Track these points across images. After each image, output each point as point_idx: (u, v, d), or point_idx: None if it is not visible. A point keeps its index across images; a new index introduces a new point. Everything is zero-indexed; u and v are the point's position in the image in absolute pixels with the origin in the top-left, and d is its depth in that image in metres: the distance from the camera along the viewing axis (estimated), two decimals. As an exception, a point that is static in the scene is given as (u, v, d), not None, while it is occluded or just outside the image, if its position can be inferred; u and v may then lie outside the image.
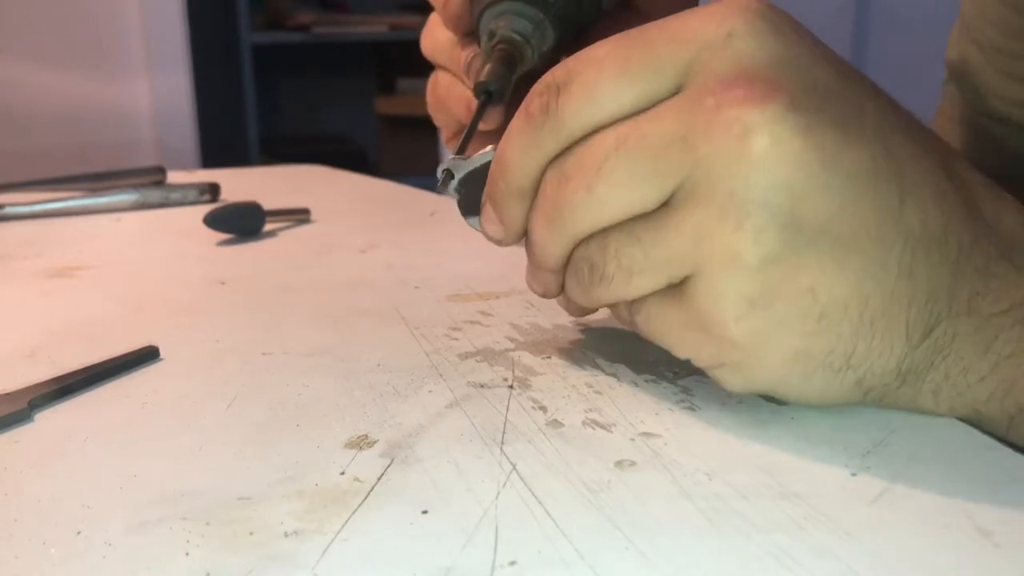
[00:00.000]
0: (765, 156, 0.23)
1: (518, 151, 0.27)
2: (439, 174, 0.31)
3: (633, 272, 0.26)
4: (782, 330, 0.25)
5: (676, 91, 0.25)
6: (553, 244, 0.28)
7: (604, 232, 0.26)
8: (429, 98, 0.41)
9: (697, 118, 0.24)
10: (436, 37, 0.40)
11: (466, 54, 0.37)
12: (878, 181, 0.24)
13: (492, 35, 0.35)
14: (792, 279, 0.24)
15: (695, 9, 0.26)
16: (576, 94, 0.26)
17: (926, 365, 0.26)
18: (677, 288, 0.26)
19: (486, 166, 0.30)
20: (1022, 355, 0.25)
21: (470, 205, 0.31)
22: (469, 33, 0.38)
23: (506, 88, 0.34)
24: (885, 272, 0.24)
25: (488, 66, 0.34)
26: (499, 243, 0.30)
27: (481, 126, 0.34)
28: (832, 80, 0.25)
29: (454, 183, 0.31)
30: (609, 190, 0.25)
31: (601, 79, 0.25)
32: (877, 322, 0.25)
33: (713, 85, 0.24)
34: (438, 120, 0.41)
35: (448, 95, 0.39)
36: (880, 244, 0.24)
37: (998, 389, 0.26)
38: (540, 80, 0.27)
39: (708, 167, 0.24)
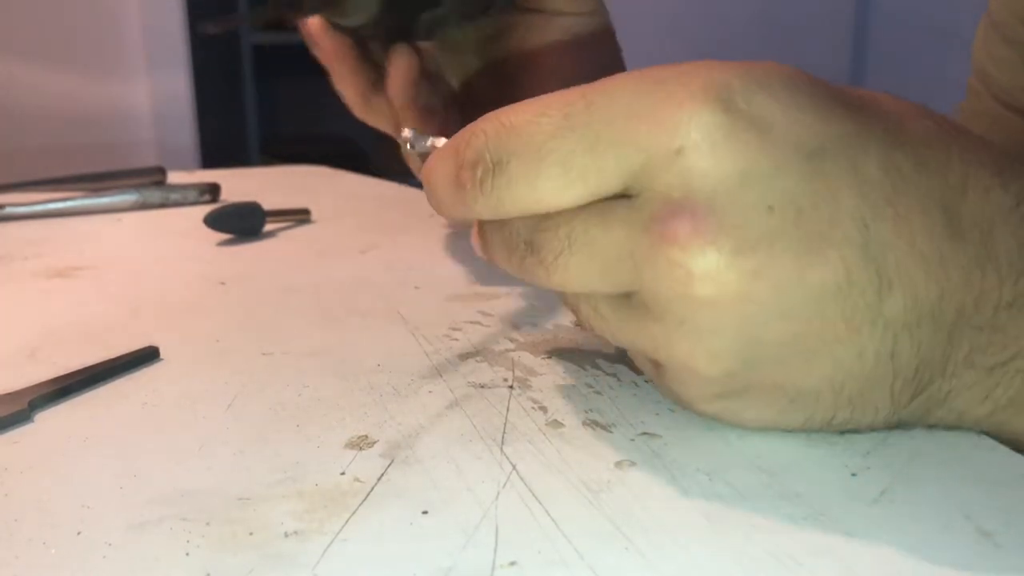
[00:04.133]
0: (712, 300, 0.22)
1: (449, 207, 0.25)
2: (406, 135, 0.30)
3: (592, 316, 0.25)
4: (752, 410, 0.25)
5: (623, 192, 0.23)
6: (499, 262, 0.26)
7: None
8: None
9: (643, 241, 0.22)
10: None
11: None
12: (851, 286, 0.22)
13: None
14: (756, 383, 0.24)
15: (650, 97, 0.22)
16: (515, 181, 0.23)
17: (918, 416, 0.25)
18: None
19: None
20: (1020, 403, 0.24)
21: None
22: None
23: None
24: (860, 363, 0.23)
25: None
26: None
27: None
28: (803, 179, 0.22)
29: (415, 152, 0.30)
30: (566, 281, 0.24)
31: (542, 174, 0.23)
32: (855, 400, 0.24)
33: (659, 209, 0.22)
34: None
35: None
36: (853, 341, 0.22)
37: (991, 430, 0.25)
38: (468, 140, 0.24)
39: (655, 293, 0.23)
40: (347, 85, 0.46)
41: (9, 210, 0.60)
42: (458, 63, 0.47)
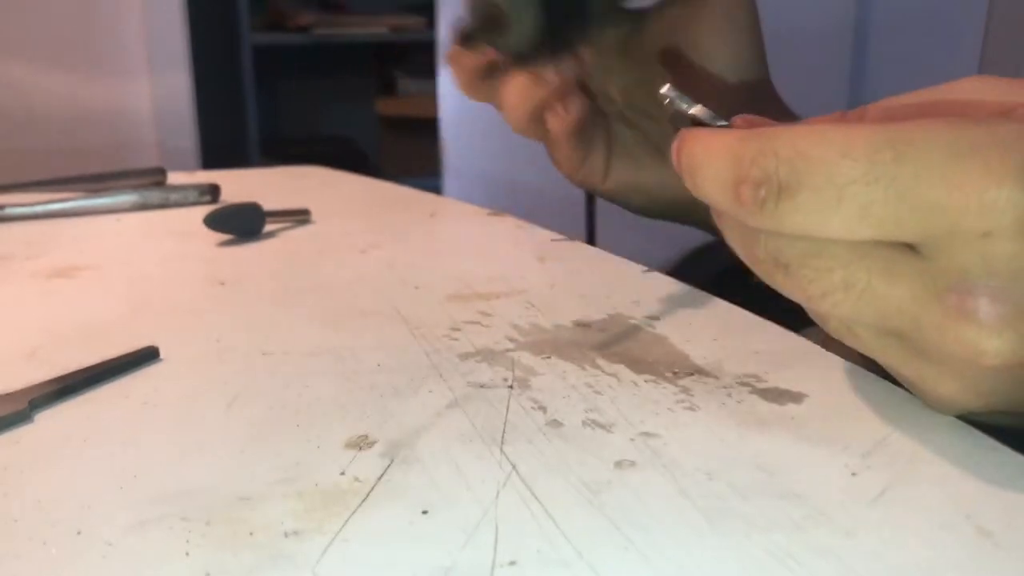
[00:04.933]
0: (997, 369, 0.22)
1: (715, 204, 0.25)
2: (665, 91, 0.28)
3: (845, 332, 0.25)
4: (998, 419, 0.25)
5: (910, 246, 0.23)
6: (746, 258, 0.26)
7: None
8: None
9: (933, 308, 0.22)
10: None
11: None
12: None
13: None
14: (1013, 409, 0.24)
15: (964, 165, 0.21)
16: (803, 212, 0.22)
17: None
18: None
19: (699, 123, 0.27)
20: None
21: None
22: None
23: (474, 33, 0.39)
24: None
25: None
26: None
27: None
28: None
29: (672, 105, 0.28)
30: (828, 315, 0.24)
31: (837, 214, 0.22)
32: None
33: (956, 283, 0.22)
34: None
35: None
36: None
37: None
38: (755, 156, 0.23)
39: (937, 349, 0.23)
40: (460, 68, 0.47)
41: (9, 210, 0.60)
42: (614, 69, 0.48)
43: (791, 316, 0.38)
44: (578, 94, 0.45)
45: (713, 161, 0.24)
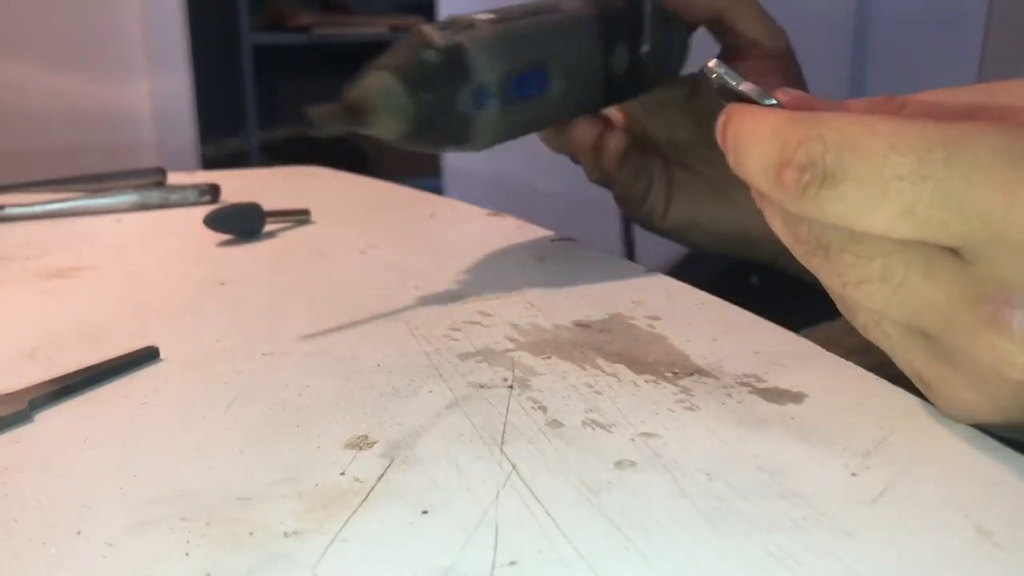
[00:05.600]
0: (1019, 384, 0.22)
1: (755, 183, 0.25)
2: (713, 65, 0.28)
3: (872, 327, 0.25)
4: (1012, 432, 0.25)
5: (950, 247, 0.22)
6: (789, 243, 0.26)
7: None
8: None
9: (967, 313, 0.22)
10: None
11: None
12: None
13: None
14: None
15: (1015, 171, 0.21)
16: (847, 202, 0.22)
17: None
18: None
19: (746, 98, 0.27)
20: None
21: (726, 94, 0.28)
22: None
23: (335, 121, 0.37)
24: None
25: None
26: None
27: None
28: None
29: (719, 79, 0.28)
30: (860, 300, 0.24)
31: (881, 207, 0.22)
32: None
33: (994, 291, 0.22)
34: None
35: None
36: None
37: None
38: (801, 140, 0.23)
39: (964, 354, 0.23)
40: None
41: (9, 210, 0.60)
42: (675, 122, 0.51)
43: (791, 316, 0.38)
44: (618, 131, 0.49)
45: (759, 141, 0.24)
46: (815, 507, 0.22)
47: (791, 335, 0.35)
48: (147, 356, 0.33)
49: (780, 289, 0.49)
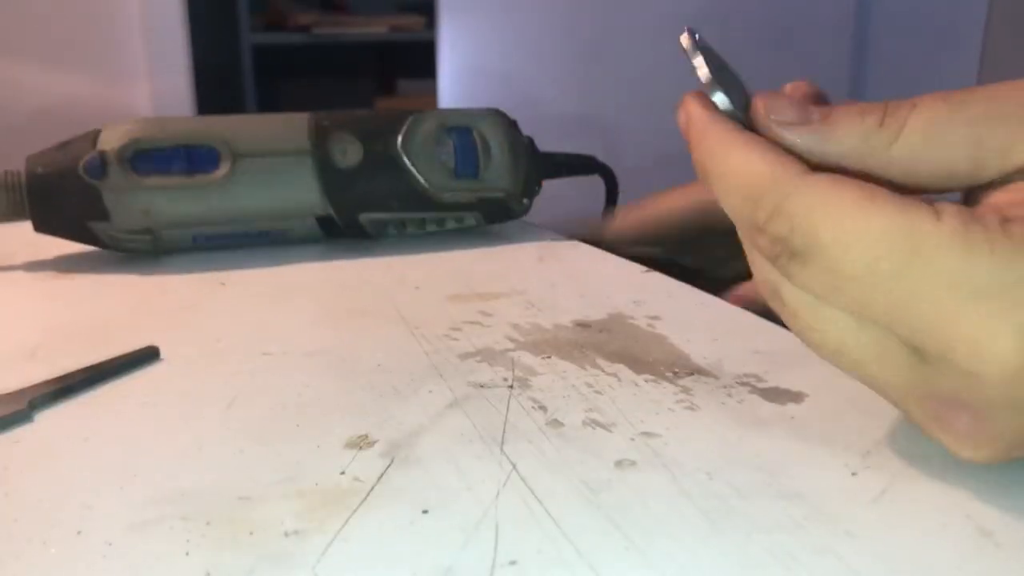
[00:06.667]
0: (975, 464, 0.23)
1: (734, 219, 0.25)
2: (682, 39, 0.27)
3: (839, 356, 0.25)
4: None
5: (903, 341, 0.22)
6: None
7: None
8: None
9: (916, 406, 0.23)
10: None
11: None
12: None
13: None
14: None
15: (966, 306, 0.20)
16: (812, 279, 0.23)
17: None
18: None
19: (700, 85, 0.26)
20: None
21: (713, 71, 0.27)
22: None
23: None
24: None
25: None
26: None
27: None
28: None
29: (696, 53, 0.26)
30: (819, 353, 0.24)
31: (842, 296, 0.22)
32: None
33: (944, 394, 0.22)
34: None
35: None
36: None
37: None
38: (771, 213, 0.23)
39: (915, 420, 0.23)
40: None
41: (9, 210, 0.60)
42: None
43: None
44: None
45: (733, 191, 0.24)
46: (815, 507, 0.22)
47: (791, 335, 0.34)
48: (147, 356, 0.33)
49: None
